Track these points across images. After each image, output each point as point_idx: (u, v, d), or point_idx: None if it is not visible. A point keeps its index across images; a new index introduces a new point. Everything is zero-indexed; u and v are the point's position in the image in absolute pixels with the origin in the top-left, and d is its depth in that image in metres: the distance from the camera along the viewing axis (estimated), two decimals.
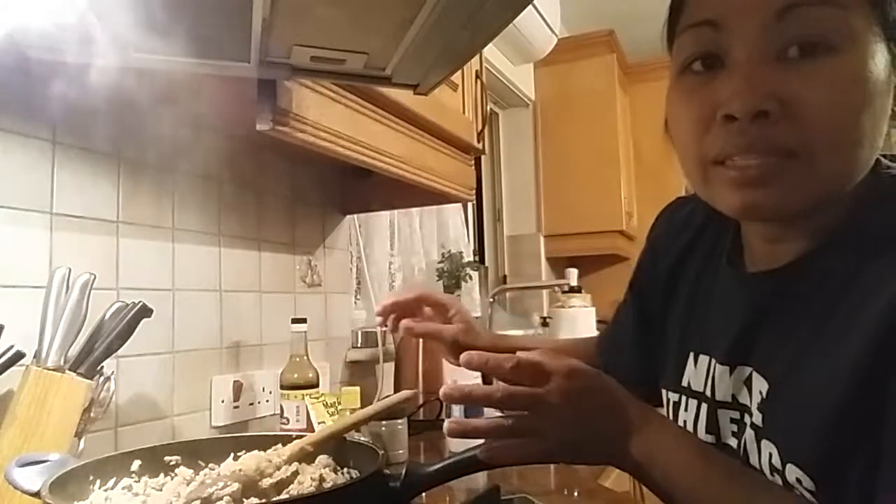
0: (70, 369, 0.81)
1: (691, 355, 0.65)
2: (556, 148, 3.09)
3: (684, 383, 0.65)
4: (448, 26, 0.64)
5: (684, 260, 0.71)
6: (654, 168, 3.19)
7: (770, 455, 0.51)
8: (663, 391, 0.70)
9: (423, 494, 0.68)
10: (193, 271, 1.18)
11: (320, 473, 0.70)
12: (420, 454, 1.29)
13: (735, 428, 0.58)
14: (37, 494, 0.58)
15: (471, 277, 2.20)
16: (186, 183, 1.17)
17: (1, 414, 0.78)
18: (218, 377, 1.21)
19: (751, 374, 0.56)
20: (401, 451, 1.18)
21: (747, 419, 0.56)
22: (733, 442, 0.58)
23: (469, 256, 2.28)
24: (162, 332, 1.10)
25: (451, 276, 2.14)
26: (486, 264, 2.93)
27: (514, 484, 1.02)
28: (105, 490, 0.67)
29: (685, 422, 0.64)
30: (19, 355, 0.78)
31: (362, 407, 1.17)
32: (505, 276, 3.08)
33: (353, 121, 1.07)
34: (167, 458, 0.73)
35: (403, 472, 0.67)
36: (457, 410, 1.28)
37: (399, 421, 1.18)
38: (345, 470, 0.73)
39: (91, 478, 0.66)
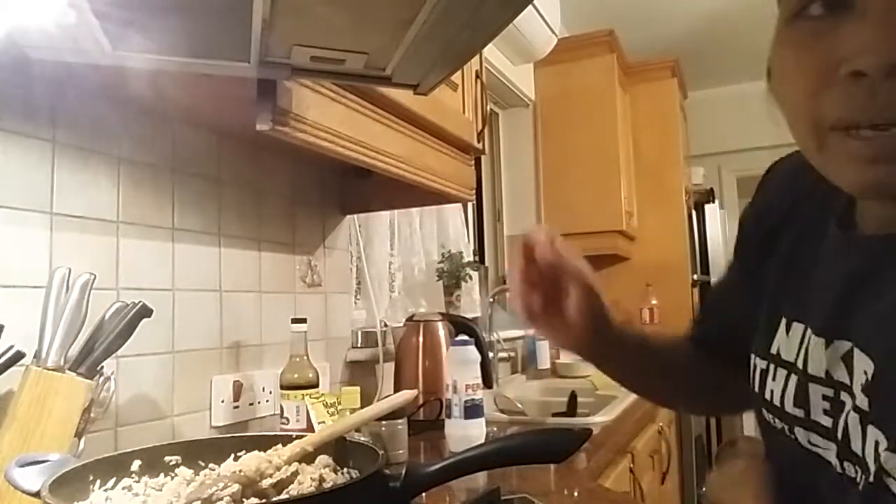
0: (70, 369, 0.81)
1: (784, 321, 0.58)
2: (556, 148, 3.09)
3: (773, 350, 0.59)
4: (448, 26, 0.64)
5: (788, 218, 0.63)
6: (654, 168, 3.19)
7: (876, 443, 0.45)
8: (752, 356, 0.63)
9: (423, 494, 0.68)
10: (193, 271, 1.18)
11: (320, 473, 0.70)
12: (420, 454, 1.29)
13: (828, 406, 0.51)
14: (37, 494, 0.58)
15: (471, 277, 2.19)
16: (186, 183, 1.17)
17: (1, 414, 0.78)
18: (218, 377, 1.21)
19: (851, 350, 0.49)
20: (401, 451, 1.18)
21: (846, 399, 0.49)
22: (825, 420, 0.51)
23: (469, 256, 2.28)
24: (162, 332, 1.10)
25: (451, 276, 2.14)
26: (486, 264, 2.93)
27: (514, 484, 1.02)
28: (105, 490, 0.67)
29: (773, 391, 0.58)
30: (19, 355, 0.78)
31: (362, 407, 1.17)
32: (505, 277, 3.08)
33: (353, 121, 1.07)
34: (167, 458, 0.73)
35: (403, 472, 0.67)
36: (457, 411, 1.28)
37: (399, 421, 1.18)
38: (345, 470, 0.73)
39: (91, 478, 0.66)
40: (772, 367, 0.59)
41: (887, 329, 0.46)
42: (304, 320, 1.24)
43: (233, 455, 0.76)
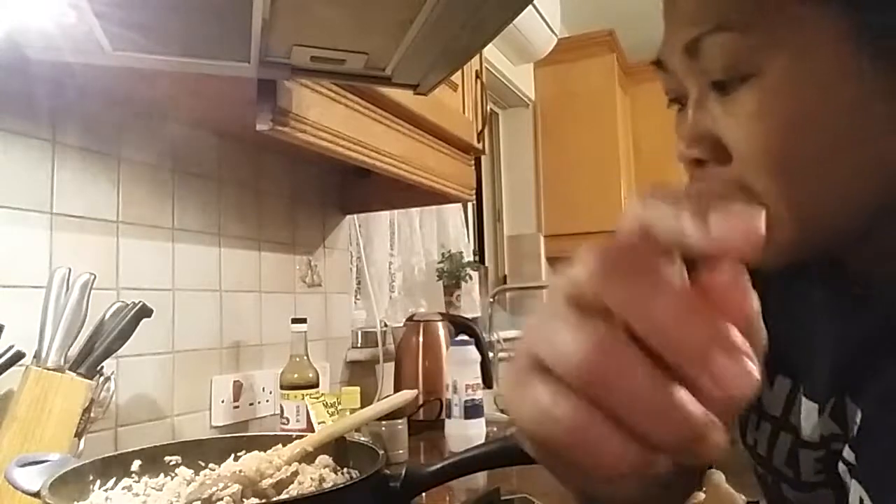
0: (70, 369, 0.81)
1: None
2: (556, 148, 3.09)
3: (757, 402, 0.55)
4: (448, 26, 0.64)
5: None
6: (654, 168, 3.19)
7: (861, 500, 0.43)
8: None
9: (423, 494, 0.68)
10: (193, 271, 1.18)
11: (320, 473, 0.70)
12: (420, 454, 1.29)
13: (821, 466, 0.49)
14: (37, 494, 0.58)
15: (471, 277, 2.19)
16: (186, 183, 1.17)
17: (1, 414, 0.78)
18: (218, 377, 1.21)
19: (844, 403, 0.46)
20: (401, 451, 1.18)
21: (838, 447, 0.47)
22: (817, 477, 0.49)
23: (469, 256, 2.28)
24: (162, 332, 1.10)
25: (451, 276, 2.14)
26: (486, 264, 2.93)
27: (514, 484, 1.02)
28: (105, 490, 0.67)
29: (756, 440, 0.55)
30: (19, 355, 0.78)
31: (362, 407, 1.17)
32: (505, 276, 3.08)
33: (353, 121, 1.07)
34: (167, 458, 0.73)
35: (403, 472, 0.67)
36: (457, 411, 1.28)
37: (399, 421, 1.18)
38: (345, 470, 0.73)
39: (91, 478, 0.66)
40: (753, 416, 0.56)
41: (875, 378, 0.43)
42: (304, 320, 1.24)
43: (233, 455, 0.76)
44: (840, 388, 0.47)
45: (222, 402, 1.22)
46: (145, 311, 0.88)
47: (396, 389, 1.58)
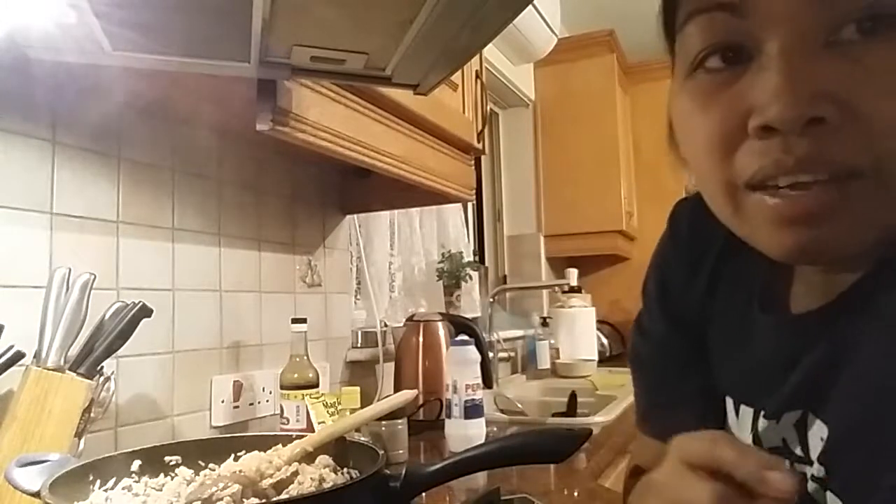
0: (70, 369, 0.81)
1: (730, 401, 0.55)
2: (556, 148, 3.09)
3: (728, 430, 0.55)
4: (448, 26, 0.64)
5: (710, 285, 0.57)
6: (654, 168, 3.18)
7: None
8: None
9: (423, 494, 0.68)
10: (193, 271, 1.18)
11: (320, 474, 0.70)
12: (420, 454, 1.29)
13: None
14: (37, 494, 0.58)
15: (471, 277, 2.19)
16: (186, 183, 1.17)
17: (1, 414, 0.78)
18: (218, 377, 1.21)
19: (804, 416, 0.45)
20: (401, 451, 1.18)
21: (805, 469, 0.46)
22: None
23: (469, 256, 2.28)
24: (162, 332, 1.10)
25: (451, 276, 2.14)
26: (486, 264, 2.93)
27: (514, 484, 1.02)
28: (105, 490, 0.67)
29: None
30: (19, 355, 0.78)
31: (362, 407, 1.17)
32: (505, 276, 3.08)
33: (353, 121, 1.07)
34: (167, 458, 0.73)
35: (403, 472, 0.67)
36: (457, 411, 1.28)
37: (399, 421, 1.18)
38: (345, 470, 0.73)
39: (91, 478, 0.66)
40: None
41: (843, 399, 0.42)
42: (304, 320, 1.24)
43: (233, 455, 0.76)
44: (794, 401, 0.46)
45: (222, 402, 1.22)
46: (145, 311, 0.88)
47: (396, 389, 1.58)
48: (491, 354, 2.09)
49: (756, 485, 0.34)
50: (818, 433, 0.44)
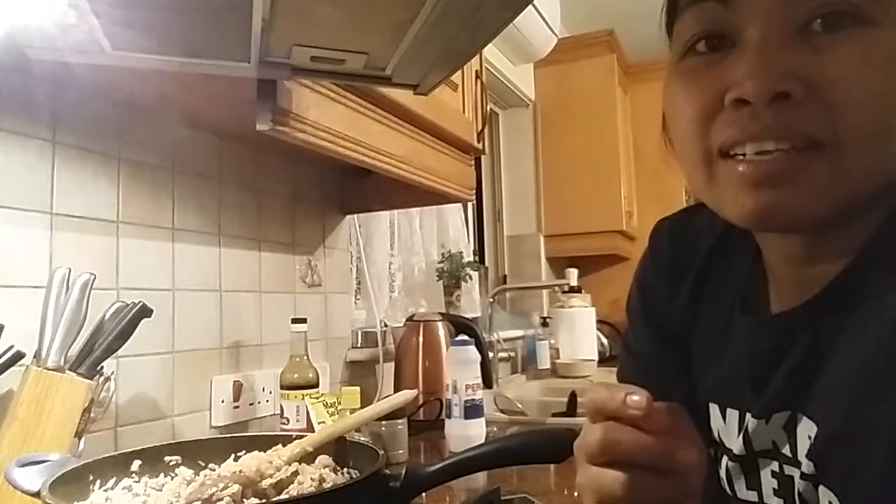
0: (70, 369, 0.81)
1: (715, 408, 0.57)
2: (556, 148, 3.09)
3: (715, 437, 0.57)
4: (448, 26, 0.64)
5: (692, 297, 0.60)
6: (654, 168, 3.18)
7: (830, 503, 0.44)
8: None
9: (423, 494, 0.69)
10: (193, 271, 1.18)
11: (320, 473, 0.70)
12: (420, 454, 1.29)
13: (776, 484, 0.51)
14: (37, 494, 0.58)
15: (471, 277, 2.19)
16: (186, 183, 1.17)
17: (1, 414, 0.78)
18: (218, 377, 1.21)
19: (794, 417, 0.48)
20: (401, 451, 1.18)
21: (793, 472, 0.48)
22: (776, 501, 0.51)
23: (469, 256, 2.28)
24: (162, 332, 1.10)
25: (451, 276, 2.14)
26: (486, 264, 2.93)
27: (514, 484, 1.02)
28: (105, 490, 0.67)
29: (721, 478, 0.57)
30: (19, 355, 0.78)
31: (362, 407, 1.17)
32: (505, 276, 3.08)
33: (353, 121, 1.07)
34: (167, 459, 0.73)
35: (403, 472, 0.67)
36: (457, 411, 1.28)
37: (399, 421, 1.18)
38: (345, 470, 0.73)
39: (91, 478, 0.66)
40: (718, 453, 0.57)
41: (829, 394, 0.45)
42: (304, 320, 1.24)
43: (233, 455, 0.76)
44: (780, 401, 0.49)
45: (222, 402, 1.22)
46: (145, 311, 0.88)
47: (396, 389, 1.58)
48: (491, 354, 2.09)
49: (621, 411, 0.42)
50: (806, 430, 0.47)
